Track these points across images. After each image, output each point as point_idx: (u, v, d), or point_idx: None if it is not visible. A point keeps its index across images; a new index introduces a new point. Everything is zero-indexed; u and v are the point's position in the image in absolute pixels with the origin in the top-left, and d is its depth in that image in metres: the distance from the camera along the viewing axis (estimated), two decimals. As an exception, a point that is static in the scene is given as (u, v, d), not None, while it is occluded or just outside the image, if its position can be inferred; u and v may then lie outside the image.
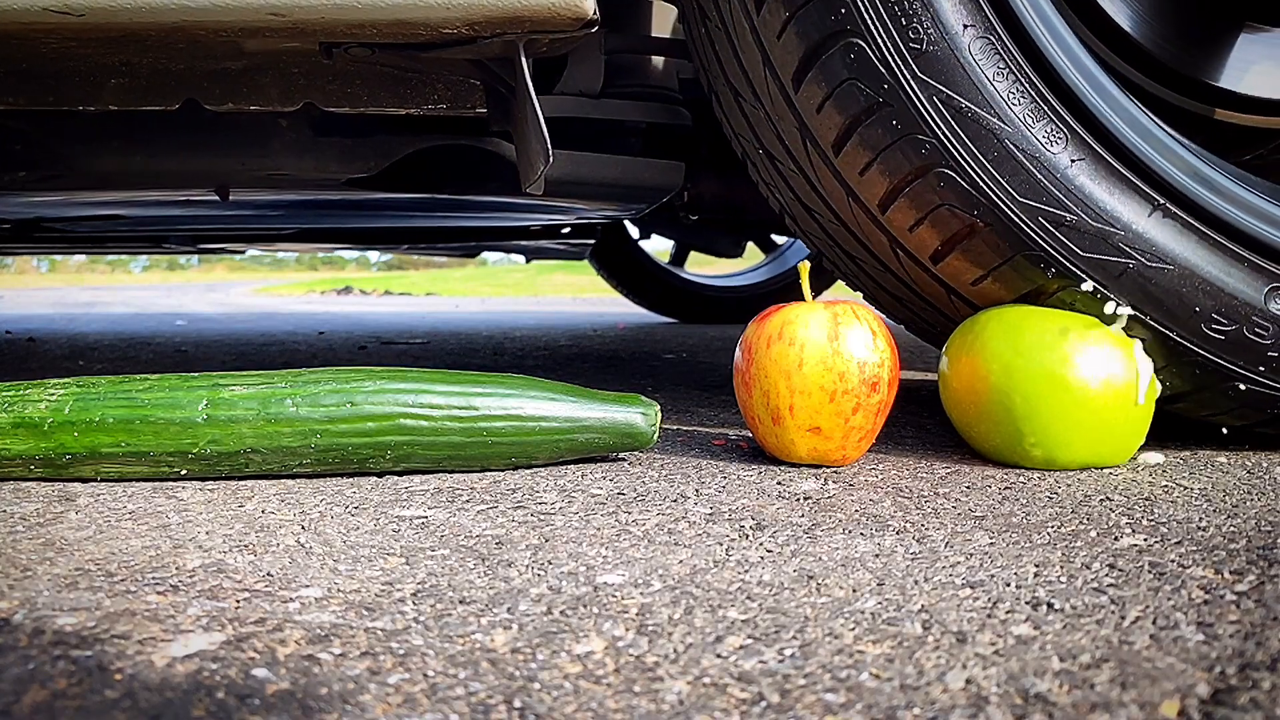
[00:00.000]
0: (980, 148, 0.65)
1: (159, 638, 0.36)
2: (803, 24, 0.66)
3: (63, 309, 4.26)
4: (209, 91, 0.89)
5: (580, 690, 0.32)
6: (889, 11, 0.64)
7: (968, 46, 0.64)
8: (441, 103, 0.90)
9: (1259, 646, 0.36)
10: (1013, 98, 0.64)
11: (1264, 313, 0.66)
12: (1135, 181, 0.66)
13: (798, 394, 0.63)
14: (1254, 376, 0.68)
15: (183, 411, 0.60)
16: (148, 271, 19.00)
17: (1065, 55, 0.65)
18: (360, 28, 0.66)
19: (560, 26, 0.67)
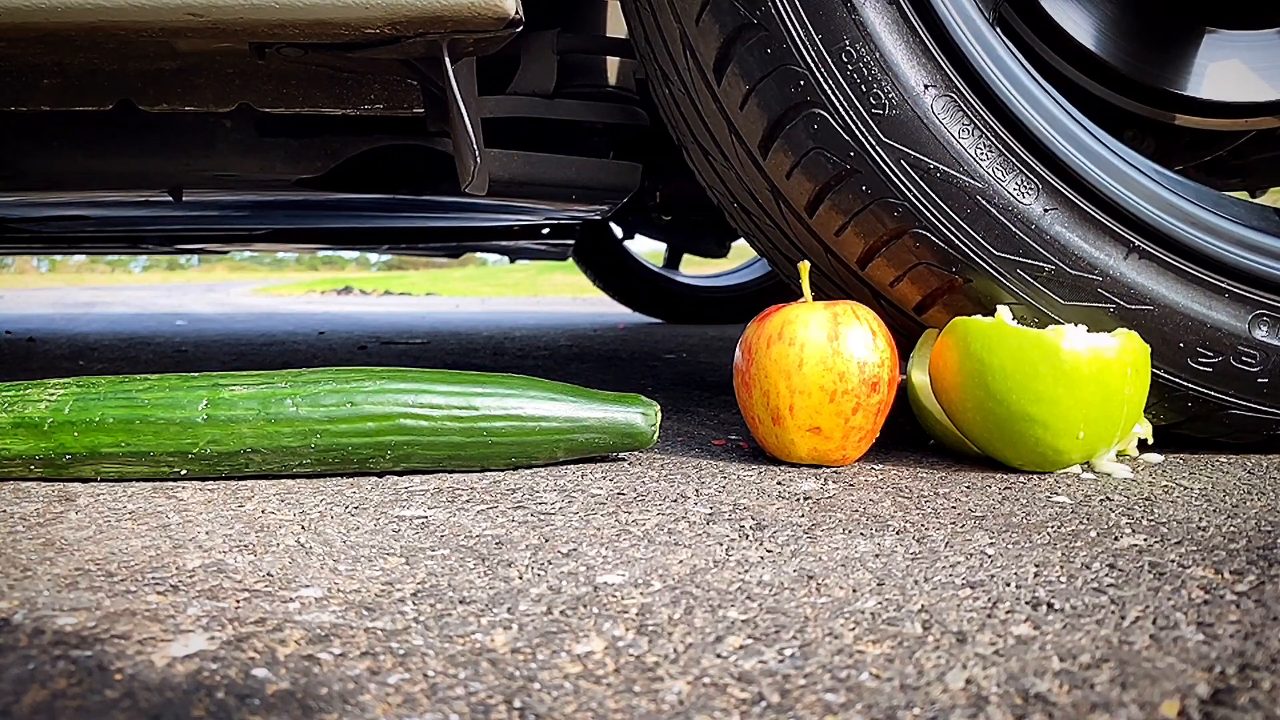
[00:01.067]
0: (953, 206, 0.65)
1: (159, 638, 0.36)
2: (763, 96, 0.66)
3: (63, 309, 4.26)
4: (143, 92, 0.89)
5: (580, 690, 0.32)
6: (848, 80, 0.63)
7: (930, 106, 0.64)
8: (378, 103, 0.90)
9: (1259, 646, 0.36)
10: (980, 153, 0.64)
11: (1249, 341, 0.66)
12: (1109, 225, 0.66)
13: (798, 394, 0.63)
14: (1246, 404, 0.68)
15: (183, 411, 0.60)
16: (148, 271, 19.00)
17: (1030, 105, 0.65)
18: (281, 28, 0.66)
19: (483, 26, 0.67)
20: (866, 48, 0.63)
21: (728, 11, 0.65)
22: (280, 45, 0.74)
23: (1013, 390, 0.61)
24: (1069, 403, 0.60)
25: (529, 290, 8.81)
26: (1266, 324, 0.67)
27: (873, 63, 0.63)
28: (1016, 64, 0.66)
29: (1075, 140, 0.66)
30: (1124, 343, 0.61)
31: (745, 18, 0.64)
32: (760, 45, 0.64)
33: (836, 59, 0.63)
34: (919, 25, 0.64)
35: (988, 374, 0.62)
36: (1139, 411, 0.63)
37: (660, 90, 0.80)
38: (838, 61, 0.63)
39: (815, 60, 0.63)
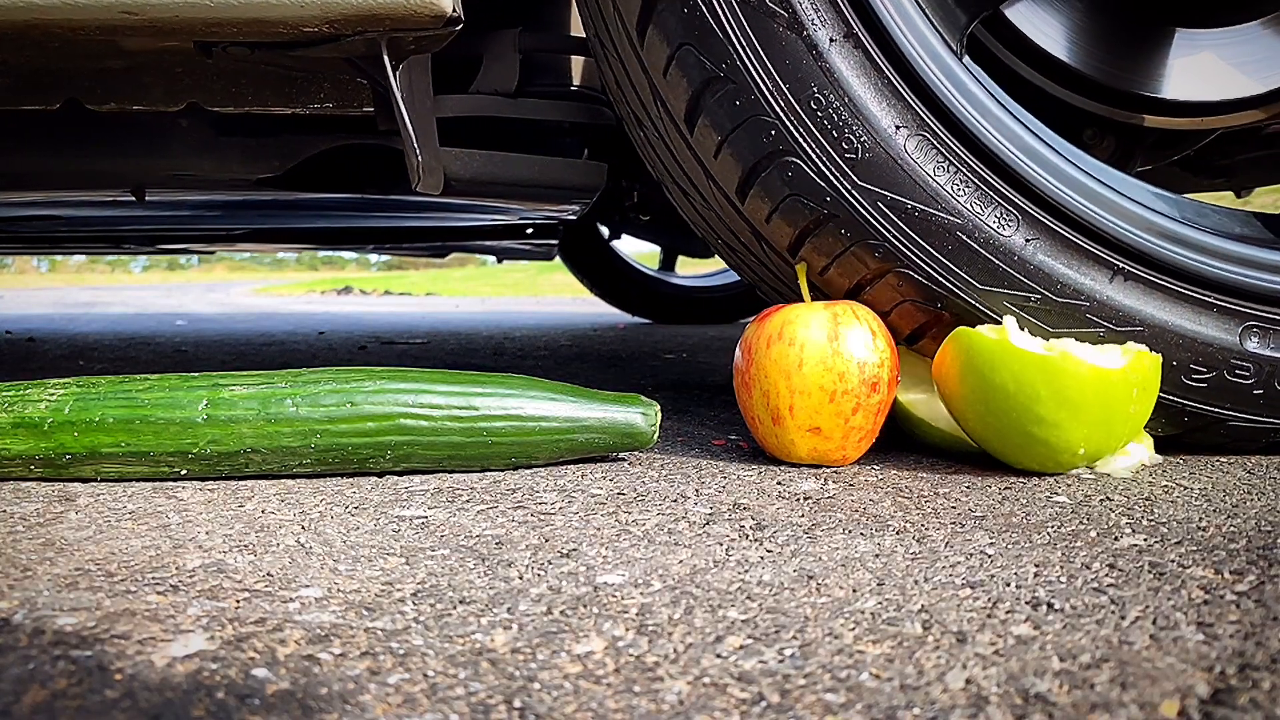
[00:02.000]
0: (934, 244, 0.65)
1: (159, 638, 0.36)
2: (735, 147, 0.66)
3: (63, 309, 4.26)
4: (90, 91, 0.88)
5: (580, 690, 0.32)
6: (818, 126, 0.63)
7: (904, 147, 0.64)
8: (328, 102, 0.90)
9: (1259, 646, 0.36)
10: (957, 189, 0.64)
11: (1242, 353, 0.66)
12: (1093, 250, 0.66)
13: (798, 394, 0.63)
14: (1244, 415, 0.68)
15: (183, 411, 0.60)
16: (148, 271, 19.00)
17: (1004, 137, 0.65)
18: (219, 26, 0.66)
19: (421, 24, 0.66)
20: (835, 94, 0.63)
21: (693, 65, 0.65)
22: (225, 44, 0.74)
23: (1014, 410, 0.60)
24: (1071, 424, 0.60)
25: (529, 290, 8.81)
26: (1257, 335, 0.67)
27: (842, 108, 0.63)
28: (987, 96, 0.66)
29: (1051, 167, 0.66)
30: (1131, 362, 0.60)
31: (711, 71, 0.64)
32: (729, 98, 0.64)
33: (806, 107, 0.63)
34: (886, 67, 0.64)
35: (990, 391, 0.61)
36: (1143, 422, 0.63)
37: (635, 132, 0.80)
38: (807, 109, 0.63)
39: (784, 109, 0.63)
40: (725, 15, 0.63)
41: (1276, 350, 0.67)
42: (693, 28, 0.64)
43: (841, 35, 0.63)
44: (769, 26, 0.63)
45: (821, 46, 0.63)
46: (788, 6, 0.62)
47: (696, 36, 0.64)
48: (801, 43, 0.63)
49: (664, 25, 0.65)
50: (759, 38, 0.63)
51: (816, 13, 0.63)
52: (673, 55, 0.65)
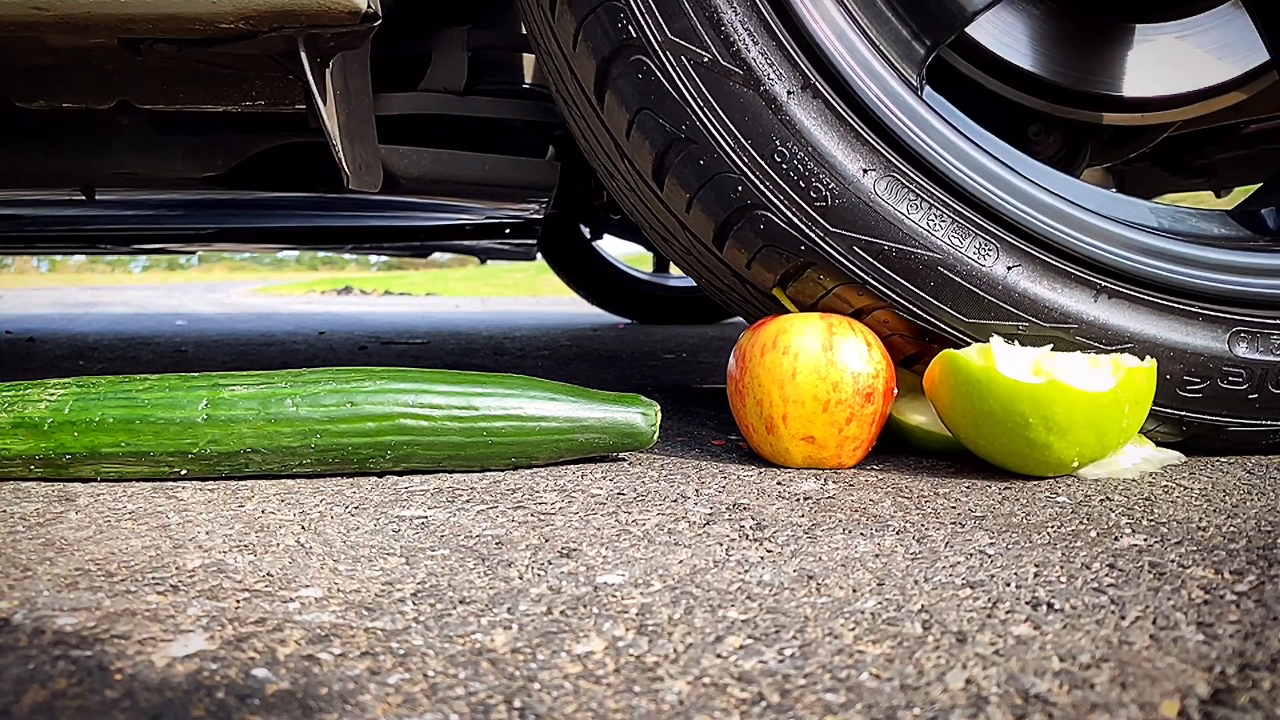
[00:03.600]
0: (915, 281, 0.65)
1: (159, 638, 0.36)
2: (705, 203, 0.66)
3: (63, 309, 4.26)
4: (17, 88, 0.87)
5: (580, 690, 0.32)
6: (785, 179, 0.63)
7: (873, 189, 0.64)
8: (260, 99, 0.89)
9: (1259, 646, 0.36)
10: (933, 225, 0.64)
11: (1233, 360, 0.66)
12: (1073, 271, 0.66)
13: (791, 403, 0.63)
14: (1242, 420, 0.68)
15: (183, 411, 0.60)
16: (147, 271, 19.00)
17: (972, 169, 0.65)
18: (135, 22, 0.66)
19: (336, 21, 0.66)
20: (798, 144, 0.63)
21: (654, 129, 0.65)
22: (151, 41, 0.74)
23: (1005, 434, 0.60)
24: (1061, 445, 0.59)
25: (529, 290, 8.81)
26: (1245, 340, 0.67)
27: (807, 158, 0.63)
28: (950, 129, 0.65)
29: (1022, 194, 0.66)
30: (1121, 381, 0.59)
31: (672, 133, 0.64)
32: (692, 158, 0.64)
33: (770, 160, 0.63)
34: (847, 114, 0.64)
35: (979, 417, 0.61)
36: (1138, 427, 0.63)
37: (608, 183, 0.80)
38: (771, 163, 0.63)
39: (749, 164, 0.63)
40: (680, 78, 0.63)
41: (1267, 353, 0.67)
42: (649, 92, 0.64)
43: (799, 87, 0.63)
44: (725, 85, 0.62)
45: (780, 99, 0.63)
46: (742, 64, 0.62)
47: (654, 101, 0.64)
48: (759, 98, 0.63)
49: (620, 91, 0.65)
50: (716, 97, 0.63)
51: (772, 67, 0.63)
52: (632, 120, 0.65)
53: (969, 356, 0.61)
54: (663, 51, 0.62)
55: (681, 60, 0.62)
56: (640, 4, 0.62)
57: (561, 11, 0.66)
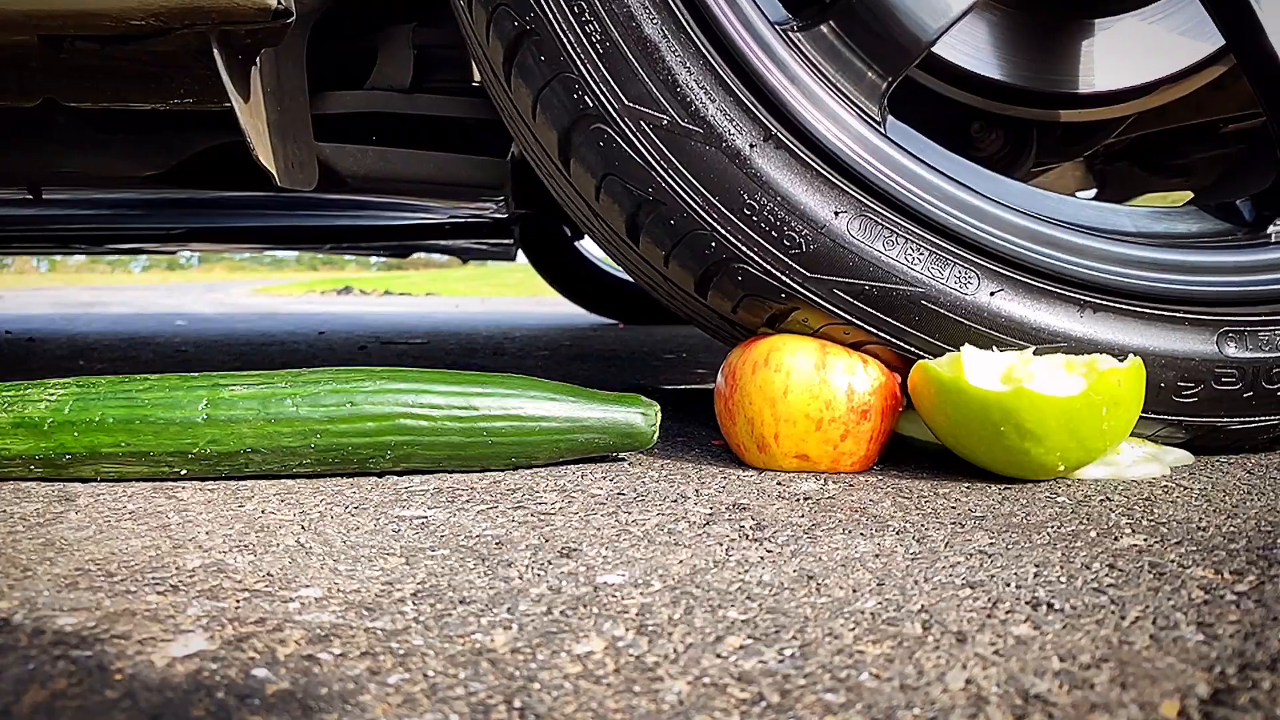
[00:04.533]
0: (899, 317, 0.64)
1: (159, 638, 0.36)
2: (683, 259, 0.66)
3: (63, 309, 4.26)
4: None
5: (580, 690, 0.32)
6: (757, 230, 0.63)
7: (846, 230, 0.64)
8: (188, 98, 0.88)
9: (1259, 646, 0.36)
10: (911, 259, 0.64)
11: (1224, 361, 0.66)
12: (1058, 290, 0.66)
13: (783, 422, 0.63)
14: (1240, 419, 0.68)
15: (183, 411, 0.60)
16: (147, 271, 19.00)
17: (944, 200, 0.65)
18: (45, 19, 0.65)
19: (247, 18, 0.66)
20: (766, 195, 0.63)
21: (621, 193, 0.65)
22: (71, 39, 0.73)
23: (983, 442, 0.60)
24: (1039, 451, 0.59)
25: (529, 290, 8.81)
26: (1234, 340, 0.67)
27: (776, 207, 0.63)
28: (917, 162, 0.65)
29: (996, 220, 0.66)
30: (1093, 384, 0.58)
31: (640, 196, 0.64)
32: (663, 218, 0.64)
33: (740, 214, 0.63)
34: (812, 160, 0.64)
35: (958, 425, 0.61)
36: (1128, 428, 0.61)
37: (588, 232, 0.80)
38: (742, 216, 0.63)
39: (719, 220, 0.63)
40: (641, 142, 0.63)
41: (1257, 350, 0.67)
42: (612, 159, 0.64)
43: (761, 139, 0.63)
44: (687, 145, 0.62)
45: (744, 153, 0.63)
46: (702, 123, 0.62)
47: (618, 167, 0.64)
48: (723, 154, 0.63)
49: (584, 159, 0.65)
50: (679, 158, 0.63)
51: (731, 122, 0.63)
52: (599, 185, 0.65)
53: (939, 367, 0.61)
54: (621, 118, 0.62)
55: (641, 125, 0.62)
56: (594, 74, 0.62)
57: (518, 85, 0.66)
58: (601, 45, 0.62)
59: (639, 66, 0.62)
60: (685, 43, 0.62)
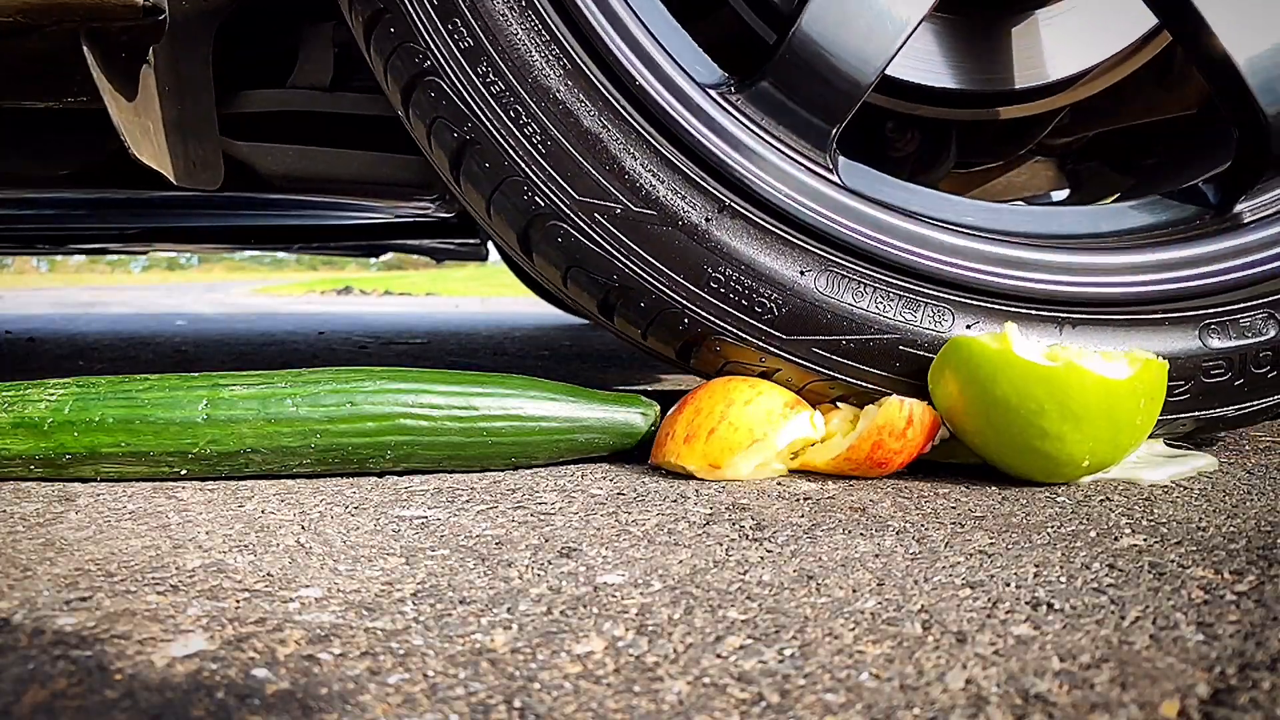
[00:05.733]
0: (882, 365, 0.65)
1: (159, 638, 0.36)
2: (660, 335, 0.66)
3: (63, 309, 4.26)
4: None
5: (580, 690, 0.32)
6: (727, 301, 0.64)
7: (814, 287, 0.64)
8: (82, 95, 0.85)
9: (1259, 646, 0.36)
10: (883, 305, 0.64)
11: (1210, 354, 0.66)
12: (1037, 312, 0.66)
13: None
14: (1235, 406, 0.68)
15: (182, 411, 0.60)
16: (147, 271, 19.01)
17: (907, 241, 0.65)
18: None
19: (115, 15, 0.65)
20: (730, 265, 0.63)
21: (588, 283, 0.65)
22: None
23: (1016, 422, 0.59)
24: (1075, 437, 0.58)
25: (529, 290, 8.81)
26: (1216, 331, 0.67)
27: (742, 276, 0.63)
28: (874, 206, 0.65)
29: (963, 252, 0.66)
30: (1139, 371, 0.58)
31: (607, 283, 0.64)
32: (633, 301, 0.64)
33: (707, 288, 0.63)
34: (770, 223, 0.64)
35: (991, 403, 0.59)
36: (1148, 431, 0.61)
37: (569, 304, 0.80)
38: (709, 290, 0.63)
39: (688, 297, 0.64)
40: (598, 233, 0.63)
41: (1240, 337, 0.67)
42: (573, 252, 0.64)
43: (716, 211, 0.63)
44: (643, 229, 0.63)
45: (701, 228, 0.63)
46: (655, 204, 0.62)
47: (579, 259, 0.64)
48: (680, 232, 0.63)
49: (545, 254, 0.65)
50: (638, 242, 0.63)
51: (684, 199, 0.63)
52: (565, 275, 0.66)
53: (984, 340, 0.60)
54: (575, 213, 0.62)
55: (595, 217, 0.62)
56: (541, 174, 0.62)
57: (468, 190, 0.66)
58: (543, 145, 0.62)
59: (584, 160, 0.62)
60: (626, 129, 0.62)
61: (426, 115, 0.63)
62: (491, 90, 0.61)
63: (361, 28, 0.64)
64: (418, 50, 0.62)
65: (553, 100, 0.62)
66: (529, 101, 0.61)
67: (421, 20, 0.61)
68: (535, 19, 0.62)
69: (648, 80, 0.62)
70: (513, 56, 0.61)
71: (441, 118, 0.63)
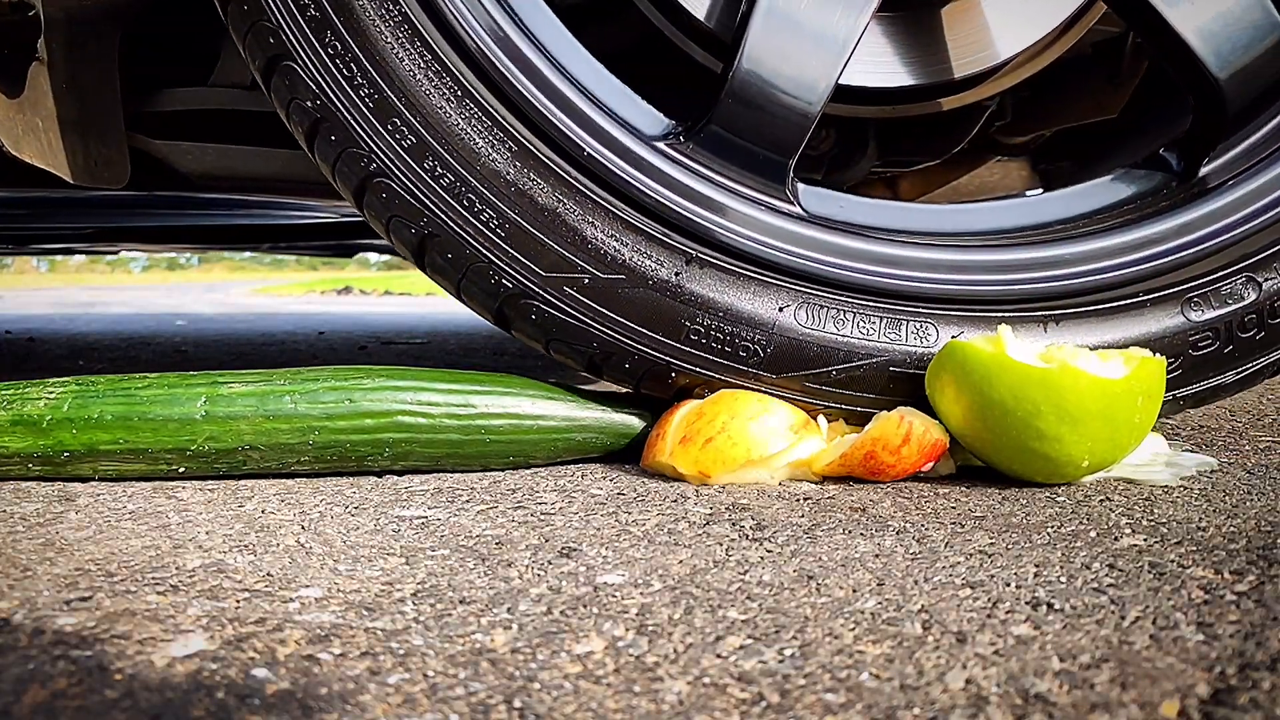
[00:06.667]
0: (876, 389, 0.65)
1: (159, 638, 0.36)
2: (652, 387, 0.66)
3: (63, 309, 4.26)
4: None
5: (580, 690, 0.32)
6: (710, 350, 0.64)
7: (795, 322, 0.64)
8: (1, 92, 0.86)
9: (1259, 646, 0.36)
10: (867, 329, 0.64)
11: (1195, 327, 0.67)
12: (1020, 314, 0.66)
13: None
14: (1230, 372, 0.68)
15: (181, 408, 0.60)
16: (147, 271, 19.00)
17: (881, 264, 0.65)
18: None
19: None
20: (707, 314, 0.63)
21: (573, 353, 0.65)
22: None
23: (1013, 425, 0.58)
24: (1073, 438, 0.58)
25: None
26: (1198, 304, 0.67)
27: (721, 323, 0.63)
28: (839, 233, 0.65)
29: (936, 264, 0.65)
30: (1135, 370, 0.58)
31: (591, 351, 0.64)
32: (619, 363, 0.64)
33: (688, 340, 0.63)
34: (739, 266, 0.63)
35: (988, 409, 0.59)
36: (1149, 427, 0.61)
37: None
38: (689, 341, 0.63)
39: (671, 352, 0.63)
40: (571, 305, 0.62)
41: (1221, 305, 0.67)
42: (549, 326, 0.63)
43: (684, 264, 0.63)
44: (615, 293, 0.62)
45: (672, 282, 0.63)
46: (622, 268, 0.62)
47: (559, 332, 0.64)
48: (652, 290, 0.62)
49: (525, 330, 0.65)
50: (612, 307, 0.62)
51: (650, 258, 0.62)
52: (548, 346, 0.65)
53: (978, 344, 0.60)
54: (546, 289, 0.62)
55: (565, 290, 0.62)
56: (506, 255, 0.62)
57: (437, 278, 0.65)
58: (502, 229, 0.61)
59: (545, 237, 0.62)
60: (581, 199, 0.62)
61: (382, 215, 0.63)
62: (442, 183, 0.61)
63: (303, 138, 0.63)
64: (362, 155, 0.61)
65: (505, 183, 0.61)
66: (481, 189, 0.61)
67: (359, 124, 0.60)
68: (474, 106, 0.61)
69: (595, 148, 0.62)
70: (458, 146, 0.61)
71: (397, 216, 0.62)
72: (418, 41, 0.60)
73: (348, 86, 0.61)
